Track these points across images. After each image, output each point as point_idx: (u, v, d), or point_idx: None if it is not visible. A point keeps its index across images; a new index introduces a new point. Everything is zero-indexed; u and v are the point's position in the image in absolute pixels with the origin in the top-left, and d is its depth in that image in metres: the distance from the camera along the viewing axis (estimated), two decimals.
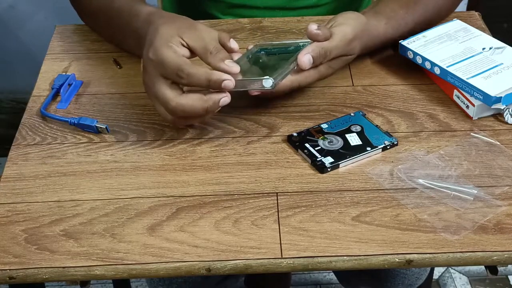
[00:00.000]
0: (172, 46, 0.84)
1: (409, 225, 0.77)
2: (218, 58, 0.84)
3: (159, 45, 0.84)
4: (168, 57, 0.83)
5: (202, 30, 0.86)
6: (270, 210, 0.80)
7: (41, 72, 1.03)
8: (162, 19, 0.88)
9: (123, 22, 0.98)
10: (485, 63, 0.94)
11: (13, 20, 1.94)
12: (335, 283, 1.76)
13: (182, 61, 0.83)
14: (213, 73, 0.83)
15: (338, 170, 0.85)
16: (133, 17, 0.95)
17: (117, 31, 1.02)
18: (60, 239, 0.77)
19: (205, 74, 0.83)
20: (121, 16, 0.98)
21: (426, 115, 0.93)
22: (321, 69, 0.91)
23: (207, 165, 0.86)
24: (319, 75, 0.92)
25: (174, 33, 0.85)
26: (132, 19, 0.95)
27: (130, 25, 0.96)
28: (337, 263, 0.74)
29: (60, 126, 0.92)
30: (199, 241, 0.76)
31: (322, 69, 0.92)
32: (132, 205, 0.81)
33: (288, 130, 0.90)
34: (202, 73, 0.82)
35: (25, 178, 0.85)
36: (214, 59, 0.84)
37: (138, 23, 0.93)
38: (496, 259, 0.74)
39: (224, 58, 0.84)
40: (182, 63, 0.83)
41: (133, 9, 0.96)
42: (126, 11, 0.97)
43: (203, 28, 0.86)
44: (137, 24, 0.93)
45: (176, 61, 0.83)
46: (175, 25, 0.86)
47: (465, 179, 0.82)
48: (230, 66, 0.84)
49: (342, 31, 0.92)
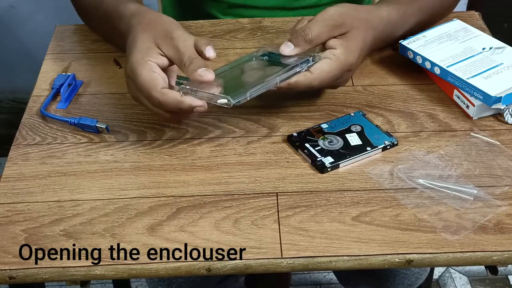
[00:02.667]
0: (148, 63, 0.83)
1: (409, 225, 0.77)
2: (191, 69, 0.83)
3: (135, 61, 0.83)
4: (141, 80, 0.83)
5: (178, 39, 0.84)
6: (270, 210, 0.80)
7: (41, 72, 1.03)
8: (140, 25, 0.87)
9: (111, 23, 0.98)
10: (485, 63, 0.94)
11: (13, 20, 1.94)
12: (335, 283, 1.76)
13: (153, 86, 0.82)
14: (183, 101, 0.82)
15: (338, 170, 0.85)
16: (118, 19, 0.94)
17: (107, 31, 1.03)
18: (60, 239, 0.77)
19: (175, 103, 0.82)
20: (108, 17, 0.98)
21: (426, 115, 0.93)
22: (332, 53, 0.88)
23: (207, 165, 0.86)
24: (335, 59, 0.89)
25: (151, 44, 0.85)
26: (117, 21, 0.95)
27: (116, 27, 0.96)
28: (337, 263, 0.74)
29: (60, 126, 0.92)
30: (199, 241, 0.76)
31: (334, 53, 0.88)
32: (132, 205, 0.81)
33: (288, 130, 0.90)
34: (172, 101, 0.82)
35: (25, 178, 0.85)
36: (188, 70, 0.83)
37: (122, 26, 0.93)
38: (496, 259, 0.74)
39: (197, 67, 0.83)
40: (153, 89, 0.82)
41: (118, 9, 0.95)
42: (113, 11, 0.97)
43: (179, 36, 0.85)
44: (121, 27, 0.93)
45: (148, 86, 0.82)
46: (152, 34, 0.85)
47: (465, 179, 0.82)
48: (202, 76, 0.82)
49: (323, 10, 0.90)
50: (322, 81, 0.88)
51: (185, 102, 0.83)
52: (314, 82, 0.88)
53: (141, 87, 0.83)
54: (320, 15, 0.90)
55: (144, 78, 0.83)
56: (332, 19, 0.90)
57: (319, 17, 0.90)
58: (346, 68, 0.89)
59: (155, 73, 0.83)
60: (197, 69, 0.82)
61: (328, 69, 0.88)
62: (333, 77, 0.89)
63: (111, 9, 0.97)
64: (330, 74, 0.88)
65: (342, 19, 0.90)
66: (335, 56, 0.88)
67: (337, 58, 0.88)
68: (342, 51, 0.88)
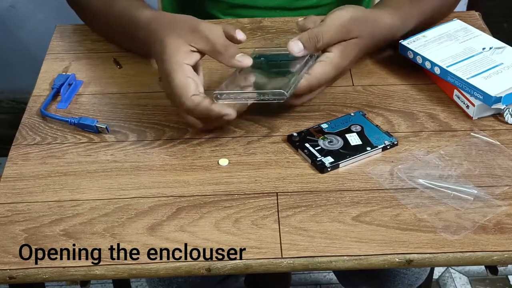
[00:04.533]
0: (182, 67, 0.83)
1: (409, 225, 0.77)
2: (228, 56, 0.85)
3: (170, 66, 0.84)
4: (174, 86, 0.83)
5: (206, 30, 0.85)
6: (270, 210, 0.80)
7: (41, 72, 1.03)
8: (162, 29, 0.88)
9: (124, 28, 0.98)
10: (485, 63, 0.94)
11: (13, 20, 1.94)
12: (335, 283, 1.76)
13: (185, 94, 0.83)
14: (213, 109, 0.84)
15: (338, 170, 0.85)
16: (133, 25, 0.95)
17: (118, 35, 1.03)
18: (60, 239, 0.77)
19: (205, 110, 0.84)
20: (121, 21, 0.98)
21: (426, 115, 0.93)
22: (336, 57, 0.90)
23: (207, 165, 0.86)
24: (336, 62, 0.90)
25: (180, 43, 0.85)
26: (132, 27, 0.95)
27: (130, 32, 0.96)
28: (337, 263, 0.74)
29: (60, 126, 0.92)
30: (199, 241, 0.76)
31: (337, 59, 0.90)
32: (132, 205, 0.81)
33: (288, 130, 0.90)
34: (202, 109, 0.83)
35: (25, 178, 0.85)
36: (224, 58, 0.85)
37: (139, 33, 0.93)
38: (496, 259, 0.74)
39: (234, 54, 0.85)
40: (184, 96, 0.83)
41: (132, 15, 0.95)
42: (126, 16, 0.97)
43: (206, 28, 0.86)
44: (139, 34, 0.93)
45: (180, 93, 0.83)
46: (178, 33, 0.86)
47: (465, 179, 0.82)
48: (241, 61, 0.85)
49: (335, 14, 0.91)
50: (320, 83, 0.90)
51: (214, 110, 0.84)
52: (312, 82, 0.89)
53: (174, 93, 0.84)
54: (333, 19, 0.90)
55: (177, 83, 0.83)
56: (344, 26, 0.90)
57: (332, 22, 0.90)
58: (339, 72, 0.91)
59: (189, 78, 0.83)
60: (234, 55, 0.84)
61: (323, 72, 0.89)
62: (328, 80, 0.91)
63: (124, 13, 0.98)
64: (326, 76, 0.89)
65: (353, 26, 0.91)
66: (329, 59, 0.89)
67: (331, 61, 0.89)
68: (337, 55, 0.90)
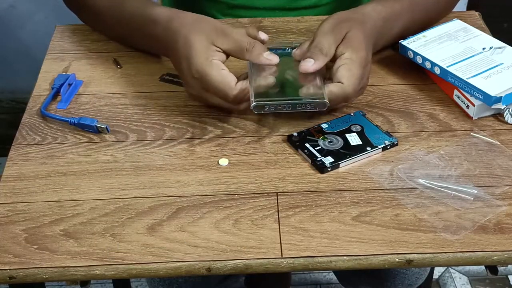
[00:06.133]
0: (213, 62, 0.86)
1: (409, 225, 0.77)
2: (256, 54, 0.88)
3: (200, 63, 0.86)
4: (213, 80, 0.86)
5: (231, 31, 0.89)
6: (270, 210, 0.80)
7: (41, 72, 1.03)
8: (185, 28, 0.89)
9: (136, 26, 0.98)
10: (485, 63, 0.94)
11: (13, 20, 1.94)
12: (335, 283, 1.76)
13: (228, 84, 0.86)
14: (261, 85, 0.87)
15: (338, 170, 0.85)
16: (149, 22, 0.95)
17: (128, 33, 1.03)
18: (60, 239, 0.77)
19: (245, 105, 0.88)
20: (133, 19, 0.98)
21: (426, 115, 0.93)
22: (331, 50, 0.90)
23: (207, 165, 0.86)
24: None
25: (207, 43, 0.87)
26: (147, 24, 0.95)
27: (145, 30, 0.96)
28: (337, 263, 0.74)
29: (60, 126, 0.92)
30: (199, 241, 0.76)
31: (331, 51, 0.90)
32: (132, 205, 0.81)
33: (288, 130, 0.90)
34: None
35: (25, 178, 0.85)
36: (252, 55, 0.88)
37: (157, 30, 0.94)
38: (496, 259, 0.74)
39: (261, 51, 0.88)
40: (228, 87, 0.86)
41: (147, 13, 0.96)
42: (139, 14, 0.97)
43: (230, 29, 0.89)
44: (156, 31, 0.94)
45: (223, 86, 0.86)
46: (204, 33, 0.88)
47: (465, 179, 0.82)
48: (270, 59, 0.88)
49: (320, 26, 0.92)
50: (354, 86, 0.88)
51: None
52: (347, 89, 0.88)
53: (214, 87, 0.86)
54: (319, 30, 0.91)
55: (216, 78, 0.85)
56: (329, 28, 0.91)
57: (319, 32, 0.91)
58: (363, 64, 0.89)
59: (224, 71, 0.86)
60: (262, 53, 0.87)
61: (351, 72, 0.87)
62: (359, 78, 0.88)
63: (137, 12, 0.98)
64: (355, 76, 0.88)
65: (342, 24, 0.91)
66: (348, 59, 0.88)
67: (350, 60, 0.88)
68: (351, 52, 0.89)
